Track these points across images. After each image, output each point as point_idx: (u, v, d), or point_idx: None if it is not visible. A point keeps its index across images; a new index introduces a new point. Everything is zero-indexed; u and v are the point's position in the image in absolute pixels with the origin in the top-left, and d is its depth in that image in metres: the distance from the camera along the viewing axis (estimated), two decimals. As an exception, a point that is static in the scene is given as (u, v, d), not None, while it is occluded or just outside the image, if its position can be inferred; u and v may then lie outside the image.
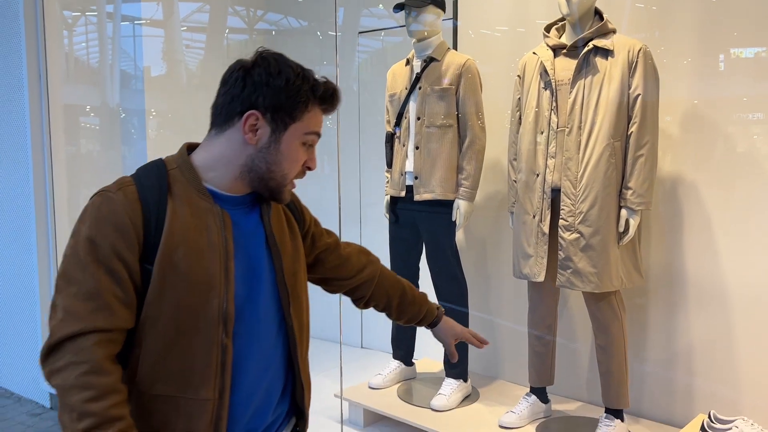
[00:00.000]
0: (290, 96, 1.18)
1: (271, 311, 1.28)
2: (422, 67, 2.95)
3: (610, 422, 2.57)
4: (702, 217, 2.66)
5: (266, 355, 1.27)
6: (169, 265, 1.14)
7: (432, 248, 3.00)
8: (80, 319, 1.08)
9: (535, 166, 2.61)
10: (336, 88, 1.24)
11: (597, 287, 2.46)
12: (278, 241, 1.30)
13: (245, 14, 4.87)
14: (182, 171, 1.21)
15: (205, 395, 1.17)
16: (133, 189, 1.16)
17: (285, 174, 1.23)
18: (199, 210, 1.19)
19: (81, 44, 4.15)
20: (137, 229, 1.13)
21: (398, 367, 3.25)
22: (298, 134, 1.21)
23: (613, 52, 2.47)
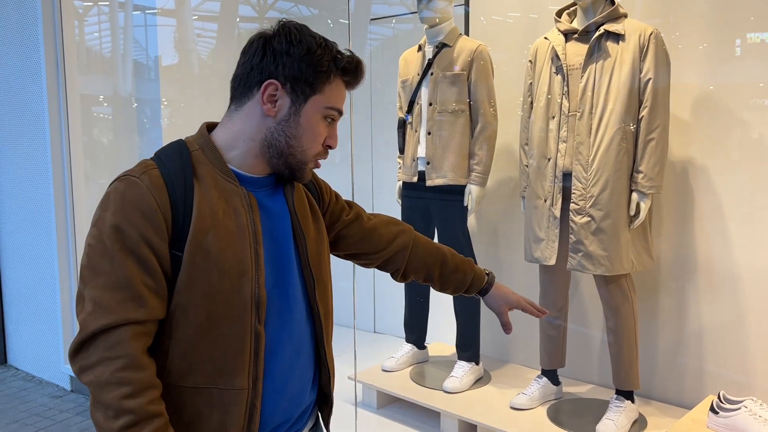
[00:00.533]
0: (311, 65, 1.13)
1: (299, 296, 1.23)
2: (434, 53, 2.97)
3: (621, 403, 2.60)
4: (713, 203, 2.68)
5: (297, 340, 1.22)
6: (200, 250, 1.08)
7: (444, 233, 3.03)
8: (111, 311, 1.03)
9: (546, 151, 2.63)
10: (360, 61, 1.18)
11: (608, 270, 2.49)
12: (302, 224, 1.25)
13: (256, 3, 4.88)
14: (205, 152, 1.16)
15: (239, 385, 1.12)
16: (157, 172, 1.10)
17: (305, 149, 1.17)
18: (225, 192, 1.14)
19: (94, 34, 4.20)
20: (165, 213, 1.08)
21: (411, 350, 3.30)
22: (318, 107, 1.16)
23: (625, 37, 2.48)
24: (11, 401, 3.68)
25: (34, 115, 3.79)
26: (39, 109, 3.75)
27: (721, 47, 2.62)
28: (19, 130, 3.93)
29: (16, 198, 4.03)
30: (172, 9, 4.42)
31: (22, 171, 3.96)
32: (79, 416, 3.48)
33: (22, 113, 3.87)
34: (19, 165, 3.97)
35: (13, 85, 3.91)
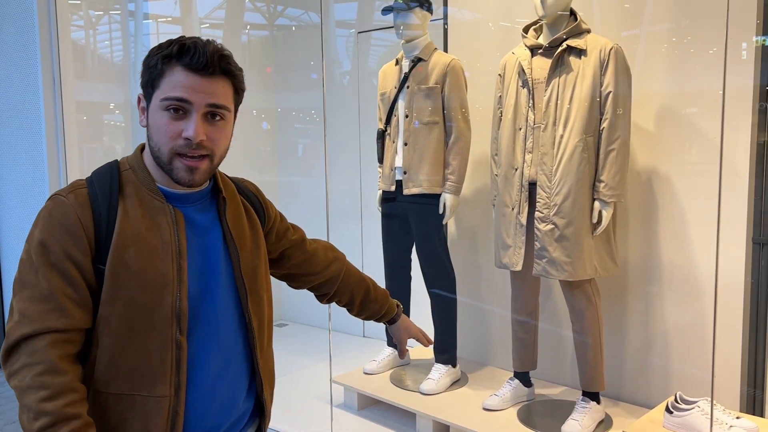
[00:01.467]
0: (147, 68, 1.19)
1: (230, 307, 1.28)
2: (410, 67, 3.09)
3: (586, 404, 2.69)
4: (676, 210, 2.77)
5: (226, 350, 1.27)
6: (121, 264, 1.15)
7: (421, 239, 3.14)
8: (34, 320, 1.10)
9: (513, 161, 2.74)
10: (197, 40, 1.18)
11: (571, 275, 2.59)
12: (236, 237, 1.30)
13: (265, 10, 4.99)
14: (135, 172, 1.23)
15: (160, 392, 1.18)
16: (84, 192, 1.18)
17: (159, 147, 1.19)
18: (151, 210, 1.21)
19: (105, 42, 4.35)
20: (88, 230, 1.15)
21: (392, 353, 3.40)
22: (157, 102, 1.18)
23: (586, 51, 2.59)
24: (8, 403, 3.82)
25: (31, 126, 3.94)
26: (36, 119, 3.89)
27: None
28: (17, 140, 4.09)
29: (16, 215, 4.18)
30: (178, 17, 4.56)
31: (21, 180, 4.11)
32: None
33: (21, 122, 4.03)
34: (19, 175, 4.12)
35: (11, 95, 4.07)
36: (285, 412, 3.18)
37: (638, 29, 2.82)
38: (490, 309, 3.46)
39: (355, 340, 4.33)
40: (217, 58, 1.17)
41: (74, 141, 3.93)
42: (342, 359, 3.89)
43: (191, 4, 4.64)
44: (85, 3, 4.13)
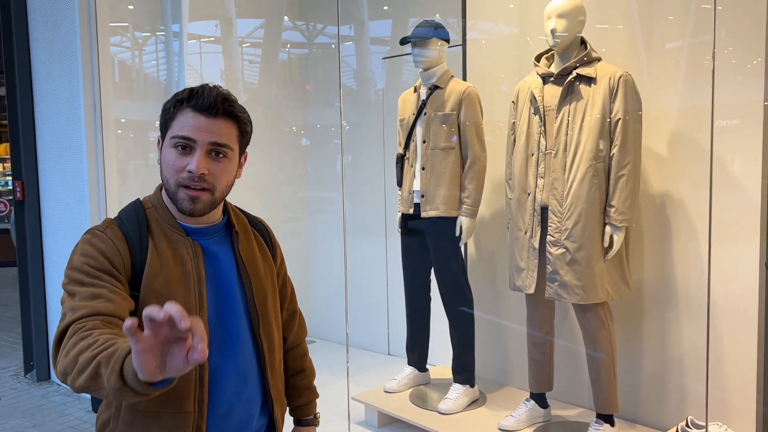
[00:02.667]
0: (164, 110, 1.32)
1: (245, 331, 1.40)
2: (427, 94, 3.19)
3: (600, 426, 2.72)
4: (690, 233, 2.79)
5: (243, 369, 1.38)
6: (152, 291, 1.27)
7: (439, 260, 3.22)
8: (81, 308, 1.16)
9: (526, 186, 2.80)
10: (206, 85, 1.31)
11: (582, 299, 2.63)
12: (248, 267, 1.42)
13: (305, 29, 5.15)
14: (156, 210, 1.36)
15: (186, 408, 1.27)
16: (117, 228, 1.31)
17: (168, 179, 1.31)
18: (174, 243, 1.33)
19: (151, 62, 4.57)
20: (126, 259, 1.27)
21: (412, 372, 3.48)
22: (167, 140, 1.30)
23: (596, 79, 2.64)
24: (51, 414, 4.02)
25: (74, 148, 4.17)
26: (77, 141, 4.11)
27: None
28: (61, 162, 4.32)
29: (60, 230, 4.41)
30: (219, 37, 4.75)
31: (64, 204, 4.34)
32: (109, 429, 3.77)
33: (65, 146, 4.26)
34: (62, 198, 4.35)
35: (56, 122, 4.30)
36: (307, 429, 3.27)
37: (681, 42, 2.82)
38: (508, 329, 3.51)
39: (379, 357, 4.42)
40: (221, 101, 1.29)
41: (113, 162, 4.14)
42: (366, 376, 3.98)
43: (232, 24, 4.83)
44: (132, 25, 4.35)
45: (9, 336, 5.83)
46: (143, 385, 0.97)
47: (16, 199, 4.57)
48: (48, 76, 4.33)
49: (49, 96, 4.35)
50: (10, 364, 5.02)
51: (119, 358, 1.00)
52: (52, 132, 4.36)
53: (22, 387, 4.51)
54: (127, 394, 0.99)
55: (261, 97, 4.67)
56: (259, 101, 4.64)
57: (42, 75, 4.39)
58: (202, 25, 4.76)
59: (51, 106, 4.35)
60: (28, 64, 4.47)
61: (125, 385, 0.98)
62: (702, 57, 2.75)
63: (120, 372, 0.98)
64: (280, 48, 5.02)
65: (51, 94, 4.33)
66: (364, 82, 4.64)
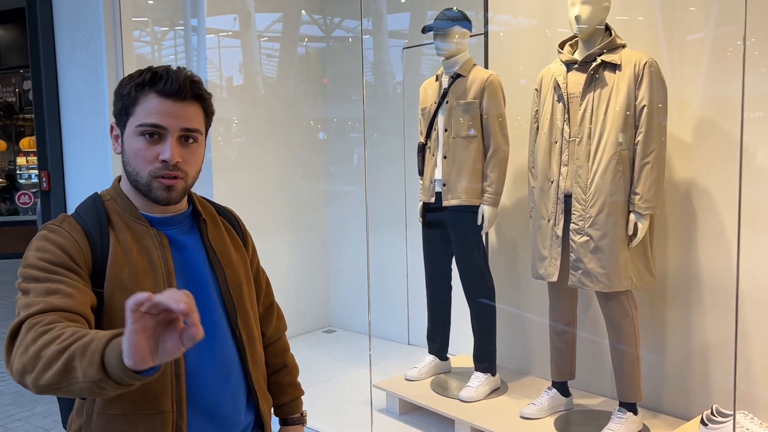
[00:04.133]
0: (121, 96, 1.24)
1: (221, 323, 1.33)
2: (449, 82, 3.19)
3: (623, 415, 2.71)
4: (716, 221, 2.76)
5: (224, 364, 1.31)
6: (118, 284, 1.20)
7: (460, 250, 3.22)
8: (39, 303, 1.08)
9: (549, 174, 2.79)
10: (169, 67, 1.23)
11: (606, 287, 2.62)
12: (220, 255, 1.35)
13: (322, 23, 5.16)
14: (116, 201, 1.29)
15: (163, 408, 1.20)
16: (73, 221, 1.24)
17: (137, 171, 1.24)
18: (137, 234, 1.26)
19: (170, 56, 4.61)
20: (85, 252, 1.19)
21: (433, 361, 3.49)
22: (132, 128, 1.23)
23: (621, 66, 2.63)
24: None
25: (99, 140, 4.22)
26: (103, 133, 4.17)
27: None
28: (85, 154, 4.38)
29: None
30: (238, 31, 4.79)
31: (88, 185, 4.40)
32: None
33: (90, 138, 4.32)
34: (88, 189, 4.41)
35: (80, 114, 4.37)
36: (328, 414, 3.30)
37: (703, 32, 2.79)
38: (529, 318, 3.50)
39: (400, 347, 4.43)
40: (189, 84, 1.23)
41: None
42: (386, 365, 4.00)
43: (250, 18, 4.86)
44: (151, 20, 4.40)
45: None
46: (128, 373, 0.91)
47: (42, 189, 4.65)
48: (73, 69, 4.39)
49: (74, 88, 4.41)
50: (36, 351, 5.12)
51: (98, 348, 0.94)
52: (77, 123, 4.42)
53: (48, 374, 4.60)
54: (107, 385, 0.94)
55: (279, 91, 4.69)
56: (278, 95, 4.66)
57: (66, 68, 4.45)
58: (221, 19, 4.79)
59: (76, 98, 4.41)
60: (53, 58, 4.54)
61: (106, 376, 0.93)
62: (725, 48, 2.71)
63: (100, 362, 0.93)
64: (298, 42, 5.04)
65: (75, 87, 4.39)
66: (382, 76, 4.64)
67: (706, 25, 2.78)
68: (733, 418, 2.30)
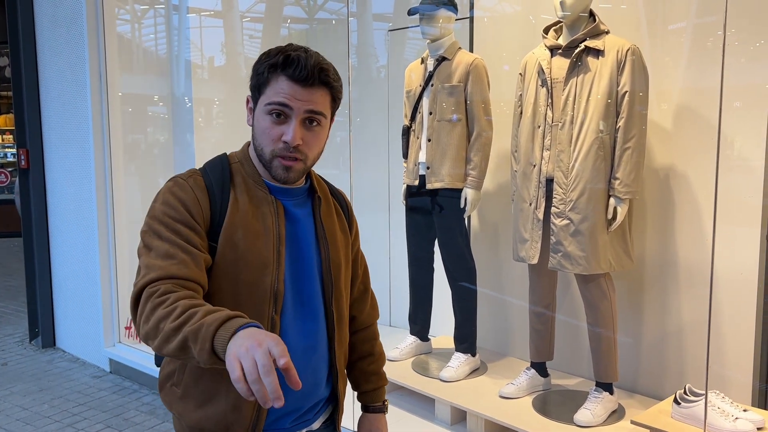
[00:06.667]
0: (257, 73, 1.28)
1: (316, 297, 1.37)
2: (434, 65, 3.20)
3: (599, 394, 2.78)
4: (693, 207, 2.83)
5: (312, 336, 1.35)
6: (230, 244, 1.26)
7: (443, 232, 3.26)
8: (158, 269, 1.16)
9: (532, 158, 2.83)
10: (303, 52, 1.27)
11: (585, 269, 2.68)
12: (327, 232, 1.40)
13: (306, 3, 5.10)
14: (243, 165, 1.34)
15: None
16: (200, 178, 1.30)
17: (262, 147, 1.29)
18: (256, 199, 1.31)
19: (150, 35, 4.54)
20: (205, 209, 1.26)
21: (414, 342, 3.53)
22: (262, 106, 1.27)
23: (604, 52, 2.66)
24: (57, 379, 4.08)
25: (79, 117, 4.18)
26: (83, 110, 4.13)
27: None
28: (66, 129, 4.33)
29: (64, 198, 4.43)
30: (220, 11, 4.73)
31: (68, 172, 4.36)
32: (115, 395, 3.84)
33: (70, 113, 4.27)
34: (67, 161, 4.36)
35: (62, 88, 4.31)
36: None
37: (685, 22, 2.82)
38: (509, 301, 3.56)
39: (381, 328, 4.46)
40: (317, 71, 1.26)
41: (119, 131, 4.16)
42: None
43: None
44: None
45: (13, 304, 5.89)
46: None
47: (21, 167, 4.59)
48: (53, 45, 4.32)
49: (54, 65, 4.34)
50: (15, 330, 5.08)
51: (207, 336, 1.00)
52: (57, 101, 4.36)
53: (27, 353, 4.57)
54: (219, 365, 1.02)
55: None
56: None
57: (46, 44, 4.38)
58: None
59: (55, 75, 4.35)
60: (32, 33, 4.47)
61: (218, 360, 1.00)
62: (706, 38, 2.76)
63: (211, 350, 1.00)
64: (281, 23, 4.99)
65: (55, 63, 4.33)
66: (366, 58, 4.63)
67: (688, 15, 2.82)
68: (704, 398, 2.37)
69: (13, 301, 5.98)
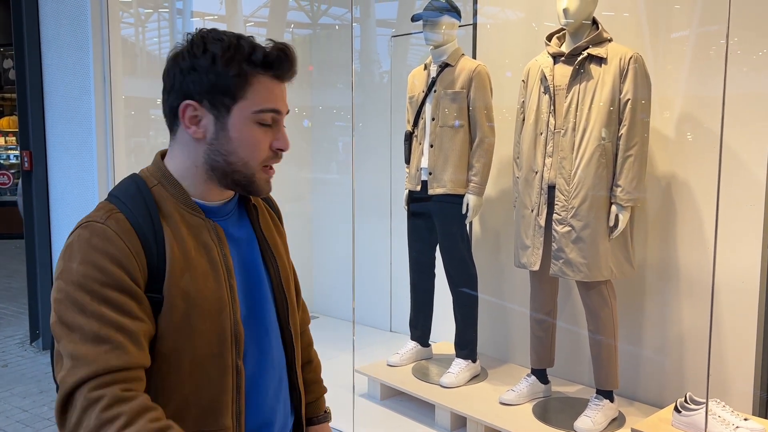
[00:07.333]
0: (222, 73, 1.03)
1: (272, 322, 1.20)
2: (437, 72, 3.21)
3: (599, 402, 2.78)
4: (694, 215, 2.83)
5: (278, 369, 1.20)
6: (179, 291, 1.03)
7: (444, 238, 3.26)
8: (90, 362, 0.94)
9: (534, 164, 2.84)
10: (283, 47, 1.07)
11: (586, 276, 2.68)
12: (272, 247, 1.21)
13: (309, 9, 5.09)
14: (165, 186, 1.09)
15: (224, 424, 1.08)
16: (122, 216, 1.03)
17: (246, 162, 1.08)
18: (193, 228, 1.08)
19: (154, 39, 4.56)
20: (139, 257, 1.01)
21: (415, 347, 3.53)
22: (245, 114, 1.06)
23: (607, 60, 2.67)
24: (57, 381, 4.08)
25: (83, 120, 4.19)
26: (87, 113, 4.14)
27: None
28: (69, 132, 4.34)
29: (66, 200, 4.44)
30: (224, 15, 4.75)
31: (71, 174, 4.37)
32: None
33: (73, 115, 4.28)
34: (69, 165, 4.38)
35: (65, 90, 4.32)
36: (311, 399, 3.33)
37: (687, 31, 2.84)
38: (510, 307, 3.56)
39: (382, 334, 4.47)
40: (295, 67, 1.10)
41: (122, 134, 4.17)
42: (369, 351, 4.03)
43: (236, 2, 4.83)
44: (136, 1, 4.35)
45: (14, 306, 5.89)
46: None
47: (24, 169, 4.60)
48: (57, 47, 4.34)
49: (58, 67, 4.36)
50: (16, 332, 5.08)
51: None
52: (61, 103, 4.38)
53: (28, 354, 4.57)
54: None
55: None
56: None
57: (51, 46, 4.40)
58: (207, 2, 4.75)
59: (60, 78, 4.36)
60: (37, 36, 4.48)
61: None
62: (708, 47, 2.77)
63: None
64: (284, 28, 5.01)
65: (60, 66, 4.34)
66: (368, 64, 4.65)
67: (690, 24, 2.83)
68: (705, 406, 2.37)
69: (14, 303, 5.99)
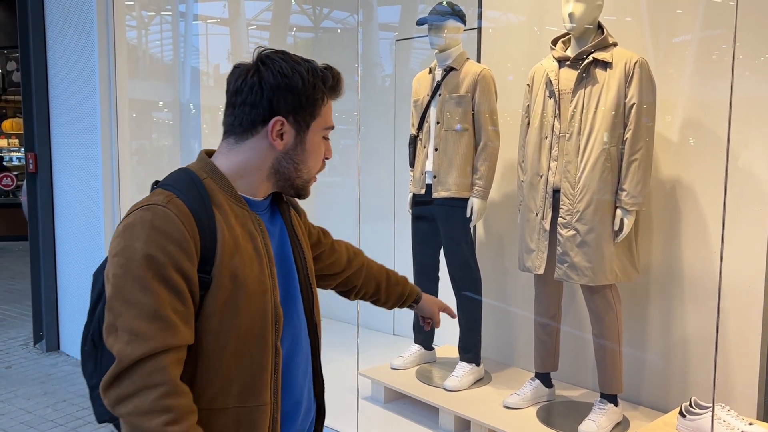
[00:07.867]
0: (309, 95, 1.19)
1: (302, 311, 1.32)
2: (442, 75, 3.22)
3: (604, 406, 2.78)
4: (699, 219, 2.83)
5: (305, 353, 1.31)
6: (228, 273, 1.14)
7: (448, 241, 3.27)
8: (149, 339, 1.04)
9: (539, 168, 2.84)
10: (339, 74, 1.25)
11: (591, 280, 2.68)
12: (300, 241, 1.34)
13: (311, 12, 5.10)
14: (215, 180, 1.20)
15: (264, 400, 1.18)
16: (181, 201, 1.13)
17: (311, 170, 1.26)
18: (240, 218, 1.20)
19: (156, 42, 4.57)
20: (195, 240, 1.11)
21: (418, 350, 3.53)
22: (318, 130, 1.24)
23: (612, 64, 2.67)
24: (61, 383, 4.08)
25: (88, 122, 4.20)
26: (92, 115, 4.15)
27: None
28: (74, 134, 4.35)
29: (71, 202, 4.45)
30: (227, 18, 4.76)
31: (75, 177, 4.38)
32: (118, 399, 3.84)
33: (78, 118, 4.29)
34: (74, 165, 4.39)
35: (70, 93, 4.33)
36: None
37: (690, 35, 2.85)
38: (514, 311, 3.56)
39: (385, 337, 4.48)
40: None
41: (126, 136, 4.18)
42: (371, 355, 4.03)
43: (239, 6, 4.84)
44: (138, 4, 4.37)
45: (17, 308, 5.90)
46: None
47: (29, 171, 4.62)
48: (62, 49, 4.36)
49: (63, 70, 4.37)
50: (19, 334, 5.09)
51: None
52: (66, 105, 4.39)
53: (31, 356, 4.58)
54: None
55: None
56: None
57: (56, 48, 4.41)
58: (210, 6, 4.76)
59: (64, 80, 4.38)
60: (42, 38, 4.50)
61: None
62: (711, 51, 2.77)
63: None
64: (287, 31, 5.02)
65: (65, 68, 4.36)
66: (371, 68, 4.66)
67: (693, 28, 2.84)
68: (711, 410, 2.37)
69: (18, 305, 6.00)
